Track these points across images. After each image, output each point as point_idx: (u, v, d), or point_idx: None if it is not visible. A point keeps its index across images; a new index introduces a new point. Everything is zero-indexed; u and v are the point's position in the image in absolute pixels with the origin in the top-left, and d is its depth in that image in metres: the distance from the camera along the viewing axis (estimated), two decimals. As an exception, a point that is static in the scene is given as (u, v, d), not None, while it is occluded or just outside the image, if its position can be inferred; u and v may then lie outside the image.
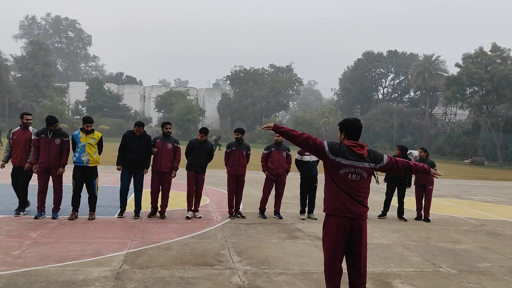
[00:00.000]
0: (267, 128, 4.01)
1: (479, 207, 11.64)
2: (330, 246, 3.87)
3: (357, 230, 3.84)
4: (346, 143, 3.91)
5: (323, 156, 3.89)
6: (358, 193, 3.85)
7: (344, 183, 3.83)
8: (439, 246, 6.90)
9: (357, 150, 3.88)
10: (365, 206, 3.88)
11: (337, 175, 3.85)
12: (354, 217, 3.82)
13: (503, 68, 41.76)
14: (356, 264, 3.88)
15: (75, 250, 5.81)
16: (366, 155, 3.90)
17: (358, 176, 3.86)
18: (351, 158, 3.84)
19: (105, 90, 76.62)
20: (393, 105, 67.61)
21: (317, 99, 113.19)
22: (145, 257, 5.62)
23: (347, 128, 3.99)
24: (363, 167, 3.86)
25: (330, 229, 3.87)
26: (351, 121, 4.02)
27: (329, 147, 3.87)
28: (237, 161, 8.35)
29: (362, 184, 3.88)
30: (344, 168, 3.83)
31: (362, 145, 3.93)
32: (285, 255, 5.99)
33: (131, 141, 7.99)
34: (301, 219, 8.51)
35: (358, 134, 3.99)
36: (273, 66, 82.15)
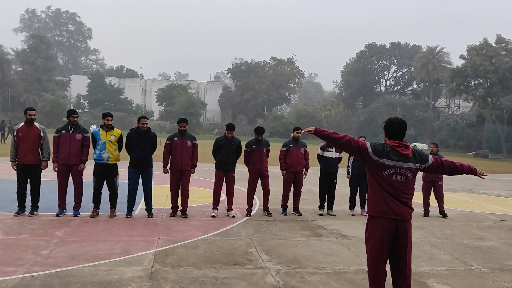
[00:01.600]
0: (308, 132, 3.96)
1: (494, 202, 11.62)
2: (374, 248, 3.84)
3: (402, 232, 3.80)
4: (390, 143, 3.86)
5: (366, 157, 3.84)
6: (403, 194, 3.81)
7: (389, 184, 3.79)
8: (464, 243, 6.88)
9: (401, 151, 3.82)
10: (410, 207, 3.84)
11: (381, 176, 3.81)
12: (399, 219, 3.78)
13: (508, 60, 41.64)
14: (401, 266, 3.85)
15: (103, 249, 5.80)
16: (411, 155, 3.85)
17: (403, 177, 3.81)
18: (396, 159, 3.79)
19: (107, 83, 76.46)
20: (396, 97, 67.42)
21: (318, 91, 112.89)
22: (174, 256, 5.60)
23: (390, 128, 3.94)
24: (407, 167, 3.81)
25: (375, 231, 3.83)
26: (393, 121, 3.96)
27: (372, 149, 3.82)
28: (259, 159, 8.28)
29: (407, 185, 3.83)
30: (388, 169, 3.78)
31: (407, 145, 3.87)
32: (313, 253, 5.97)
33: (136, 139, 7.87)
34: (319, 214, 8.52)
35: (402, 134, 3.92)
36: (275, 59, 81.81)
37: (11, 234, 6.40)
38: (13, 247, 5.76)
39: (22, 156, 7.56)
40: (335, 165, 8.56)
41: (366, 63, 73.24)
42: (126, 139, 7.97)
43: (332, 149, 8.57)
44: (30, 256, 5.38)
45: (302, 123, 64.08)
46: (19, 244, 5.91)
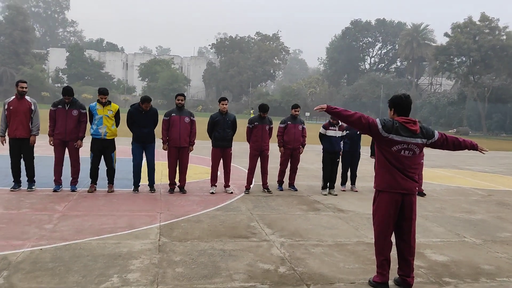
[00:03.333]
0: (320, 109, 4.05)
1: (480, 177, 12.03)
2: (381, 220, 4.02)
3: (408, 205, 3.99)
4: (399, 120, 3.97)
5: (376, 134, 3.95)
6: (410, 169, 3.96)
7: (397, 159, 3.92)
8: (455, 216, 7.17)
9: (410, 127, 3.94)
10: (416, 181, 4.01)
11: (390, 152, 3.94)
12: (406, 193, 3.95)
13: (491, 38, 42.24)
14: (405, 237, 4.06)
15: (107, 223, 5.86)
16: (419, 131, 3.98)
17: (410, 152, 3.94)
18: (404, 135, 3.91)
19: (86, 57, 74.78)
20: (380, 75, 67.87)
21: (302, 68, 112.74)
22: (179, 230, 5.70)
23: (397, 105, 4.04)
24: (415, 143, 3.94)
25: (382, 204, 4.01)
26: (400, 97, 4.06)
27: (382, 125, 3.93)
28: (260, 136, 8.30)
29: (414, 160, 3.98)
30: (397, 144, 3.91)
31: (415, 121, 3.99)
32: (313, 227, 6.15)
33: (138, 116, 7.85)
34: (323, 194, 8.50)
35: (408, 110, 4.04)
36: (260, 34, 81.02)
37: (11, 209, 6.38)
38: (15, 221, 5.76)
39: (13, 130, 7.47)
40: (338, 143, 8.62)
41: (351, 40, 73.23)
42: (128, 116, 7.93)
43: (335, 127, 8.56)
44: (35, 230, 5.40)
45: (287, 100, 64.21)
46: (21, 218, 5.92)
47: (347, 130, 8.79)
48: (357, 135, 8.90)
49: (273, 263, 4.64)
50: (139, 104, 7.93)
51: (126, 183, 8.47)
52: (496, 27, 42.93)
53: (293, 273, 4.38)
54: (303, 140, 8.73)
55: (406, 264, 4.06)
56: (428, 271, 4.60)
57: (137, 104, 8.02)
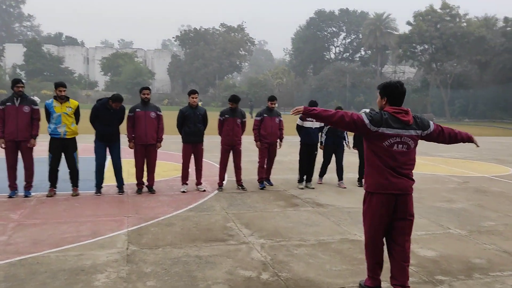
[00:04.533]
0: (296, 113, 3.59)
1: (452, 164, 12.06)
2: (373, 223, 3.62)
3: (402, 206, 3.56)
4: (388, 110, 3.55)
5: (364, 130, 3.52)
6: (404, 165, 3.53)
7: (390, 155, 3.49)
8: (436, 206, 7.00)
9: (401, 117, 3.52)
10: (411, 179, 3.58)
11: (381, 147, 3.50)
12: (400, 193, 3.53)
13: (452, 25, 43.13)
14: (398, 239, 3.61)
15: (69, 232, 5.31)
16: (412, 121, 3.57)
17: (404, 146, 3.52)
18: (396, 126, 3.49)
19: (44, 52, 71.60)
20: (345, 64, 68.40)
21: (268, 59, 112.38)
22: (149, 236, 5.23)
23: (390, 93, 3.58)
24: (409, 135, 3.52)
25: (373, 206, 3.58)
26: (394, 85, 3.60)
27: (369, 119, 3.50)
28: (231, 130, 7.80)
29: (409, 155, 3.56)
30: (388, 138, 3.48)
31: (407, 111, 3.57)
32: (294, 225, 5.80)
33: (104, 113, 7.24)
34: (300, 188, 8.17)
35: (401, 100, 3.60)
36: (224, 26, 79.89)
37: (-42, 220, 5.72)
38: (-37, 235, 5.13)
39: None
40: (316, 135, 8.26)
41: (316, 30, 73.37)
42: (92, 112, 7.31)
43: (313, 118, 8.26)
44: (-15, 244, 4.80)
45: (254, 91, 63.76)
46: (-30, 231, 5.28)
47: None
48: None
49: (254, 269, 4.25)
50: (107, 101, 7.31)
51: (90, 185, 7.83)
52: (457, 14, 43.89)
53: (277, 280, 4.00)
54: (281, 133, 8.28)
55: (400, 272, 3.60)
56: (419, 269, 4.34)
57: (105, 100, 7.38)
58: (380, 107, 3.68)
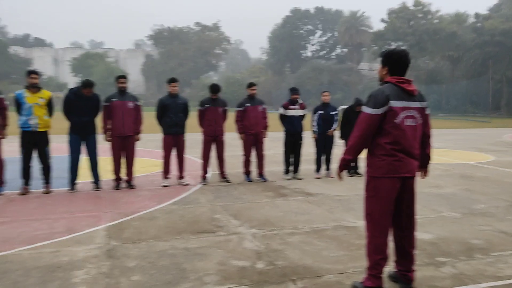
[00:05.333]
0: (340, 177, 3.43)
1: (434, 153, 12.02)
2: (381, 213, 3.22)
3: (409, 189, 3.30)
4: (391, 80, 3.21)
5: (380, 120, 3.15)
6: (414, 143, 3.21)
7: (400, 134, 3.13)
8: (425, 191, 6.86)
9: (406, 87, 3.18)
10: (417, 159, 3.30)
11: (392, 125, 3.13)
12: (409, 176, 3.23)
13: (425, 22, 43.86)
14: (405, 226, 3.34)
15: (42, 229, 4.91)
16: (416, 92, 3.25)
17: (413, 120, 3.19)
18: (403, 98, 3.16)
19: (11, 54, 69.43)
20: (322, 62, 68.78)
21: (244, 58, 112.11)
22: (131, 230, 4.88)
23: (393, 62, 3.24)
24: (415, 108, 3.19)
25: (381, 193, 3.20)
26: (398, 53, 3.25)
27: (373, 106, 3.12)
28: (213, 119, 7.43)
29: (417, 132, 3.23)
30: (399, 113, 3.12)
31: (410, 81, 3.24)
32: (284, 214, 5.54)
33: (78, 102, 6.80)
34: (286, 179, 7.87)
35: (405, 71, 3.27)
36: (199, 24, 79.22)
37: None
38: None
39: None
40: (300, 124, 7.93)
41: (292, 28, 73.41)
42: (65, 102, 6.87)
43: (296, 106, 7.91)
44: (-51, 244, 4.36)
45: (232, 90, 63.33)
46: None
47: (320, 111, 8.18)
48: (330, 115, 8.16)
49: (248, 258, 3.97)
50: (78, 89, 6.88)
51: (64, 182, 7.39)
52: (429, 11, 44.75)
53: (273, 268, 3.73)
54: (265, 122, 7.83)
55: (406, 258, 3.35)
56: (419, 252, 4.12)
57: (75, 88, 6.96)
58: (381, 77, 3.37)
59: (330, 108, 8.24)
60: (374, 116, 3.13)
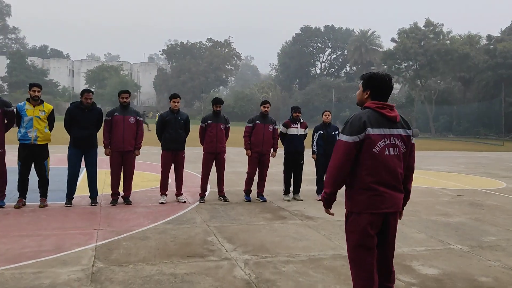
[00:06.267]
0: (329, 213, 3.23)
1: (443, 177, 11.71)
2: (362, 249, 2.95)
3: (391, 225, 3.00)
4: (370, 105, 2.96)
5: (358, 148, 2.90)
6: (397, 175, 2.92)
7: (380, 164, 2.86)
8: (432, 219, 6.58)
9: (386, 113, 2.92)
10: (402, 191, 3.01)
11: (371, 155, 2.87)
12: (392, 212, 2.95)
13: (436, 42, 43.56)
14: (385, 262, 3.06)
15: (30, 246, 4.73)
16: (399, 118, 3.00)
17: (395, 149, 2.91)
18: (383, 125, 2.91)
19: (28, 64, 70.55)
20: (330, 80, 68.80)
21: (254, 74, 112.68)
22: (120, 251, 4.67)
23: (376, 85, 3.00)
24: (398, 135, 2.94)
25: (361, 230, 2.92)
26: (381, 77, 3.00)
27: (349, 134, 2.88)
28: (215, 136, 7.26)
29: (400, 161, 2.96)
30: (378, 142, 2.86)
31: (392, 106, 2.99)
32: (281, 239, 5.31)
33: (79, 115, 6.71)
34: (286, 200, 7.64)
35: (388, 95, 3.04)
36: (211, 40, 79.85)
37: None
38: None
39: None
40: (301, 142, 7.75)
41: (302, 46, 73.82)
42: (66, 115, 6.78)
43: (297, 124, 7.75)
44: None
45: (240, 105, 63.53)
46: None
47: (320, 130, 7.97)
48: (332, 136, 7.92)
49: (237, 289, 3.74)
50: (80, 102, 6.79)
51: (61, 196, 7.24)
52: (441, 32, 44.43)
53: (263, 302, 3.50)
54: (274, 142, 7.63)
55: None
56: (422, 288, 3.88)
57: (78, 102, 6.87)
58: (360, 101, 3.12)
59: (332, 128, 8.05)
60: (350, 144, 2.88)
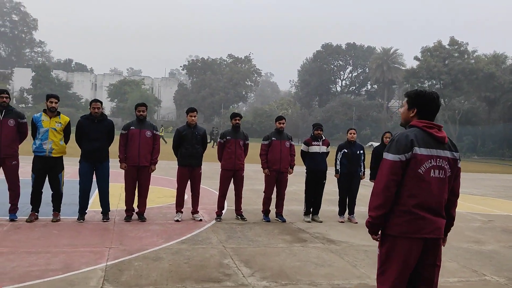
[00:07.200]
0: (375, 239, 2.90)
1: (471, 201, 11.15)
2: (396, 276, 2.73)
3: (432, 251, 2.76)
4: (417, 124, 2.78)
5: (404, 167, 2.71)
6: (441, 198, 2.73)
7: (425, 185, 2.68)
8: (464, 247, 6.14)
9: (435, 133, 2.74)
10: (444, 217, 2.79)
11: (415, 176, 2.69)
12: (433, 237, 2.71)
13: (461, 62, 42.83)
14: None
15: (38, 264, 4.51)
16: (447, 140, 2.80)
17: (441, 172, 2.72)
18: (430, 146, 2.71)
19: (53, 77, 72.32)
20: (351, 97, 68.30)
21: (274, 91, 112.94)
22: (131, 272, 4.42)
23: (423, 104, 2.82)
24: (445, 157, 2.74)
25: (397, 255, 2.73)
26: (430, 95, 2.82)
27: (396, 152, 2.69)
28: (234, 152, 7.03)
29: (445, 185, 2.75)
30: (424, 162, 2.69)
31: (440, 126, 2.80)
32: (302, 264, 4.97)
33: (89, 127, 6.59)
34: (306, 221, 7.30)
35: (435, 114, 2.85)
36: (232, 56, 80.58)
37: None
38: None
39: None
40: (323, 161, 7.43)
41: (323, 63, 73.72)
42: (77, 127, 6.66)
43: (319, 142, 7.44)
44: None
45: (259, 121, 63.48)
46: None
47: (344, 149, 7.59)
48: (356, 154, 7.56)
49: (254, 321, 3.42)
50: (90, 114, 6.67)
51: (75, 210, 7.07)
52: (465, 51, 43.76)
53: (282, 337, 3.17)
54: (292, 159, 7.33)
55: None
56: (459, 327, 3.49)
57: (88, 114, 6.75)
58: (405, 120, 2.91)
59: (357, 147, 7.68)
60: (396, 163, 2.71)
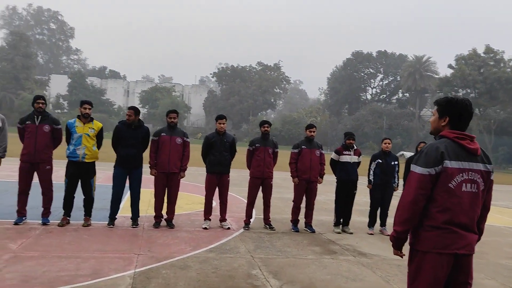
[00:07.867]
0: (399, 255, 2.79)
1: (508, 214, 10.69)
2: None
3: (464, 267, 2.62)
4: (448, 135, 2.62)
5: (434, 181, 2.58)
6: (473, 214, 2.58)
7: (456, 201, 2.54)
8: (502, 263, 5.85)
9: (467, 144, 2.59)
10: (477, 233, 2.65)
11: (446, 190, 2.56)
12: (464, 254, 2.57)
13: (496, 70, 41.53)
14: None
15: (67, 269, 4.55)
16: (480, 152, 2.63)
17: (474, 185, 2.57)
18: (462, 158, 2.57)
19: (88, 84, 74.59)
20: (382, 106, 67.26)
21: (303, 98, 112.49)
22: (159, 280, 4.39)
23: (456, 112, 2.66)
24: (478, 170, 2.58)
25: (426, 270, 2.60)
26: (463, 102, 2.66)
27: (426, 165, 2.56)
28: (263, 160, 6.97)
29: (478, 199, 2.60)
30: (455, 176, 2.55)
31: (472, 137, 2.64)
32: (332, 277, 4.83)
33: (125, 133, 6.67)
34: (336, 232, 7.16)
35: (467, 123, 2.69)
36: (261, 64, 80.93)
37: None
38: (-51, 265, 4.46)
39: None
40: (354, 171, 7.27)
41: (353, 71, 72.99)
42: (114, 132, 6.77)
43: (350, 151, 7.28)
44: (-31, 279, 4.11)
45: (287, 128, 63.33)
46: (-41, 261, 4.62)
47: (379, 159, 7.42)
48: (391, 165, 7.36)
49: (283, 336, 3.32)
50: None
51: (106, 215, 7.15)
52: (501, 59, 42.36)
53: None
54: (322, 168, 7.22)
55: None
56: None
57: (125, 120, 6.86)
58: (436, 129, 2.76)
59: (391, 157, 7.47)
60: (425, 177, 2.57)
